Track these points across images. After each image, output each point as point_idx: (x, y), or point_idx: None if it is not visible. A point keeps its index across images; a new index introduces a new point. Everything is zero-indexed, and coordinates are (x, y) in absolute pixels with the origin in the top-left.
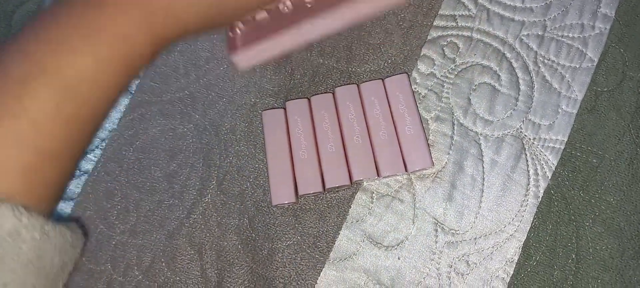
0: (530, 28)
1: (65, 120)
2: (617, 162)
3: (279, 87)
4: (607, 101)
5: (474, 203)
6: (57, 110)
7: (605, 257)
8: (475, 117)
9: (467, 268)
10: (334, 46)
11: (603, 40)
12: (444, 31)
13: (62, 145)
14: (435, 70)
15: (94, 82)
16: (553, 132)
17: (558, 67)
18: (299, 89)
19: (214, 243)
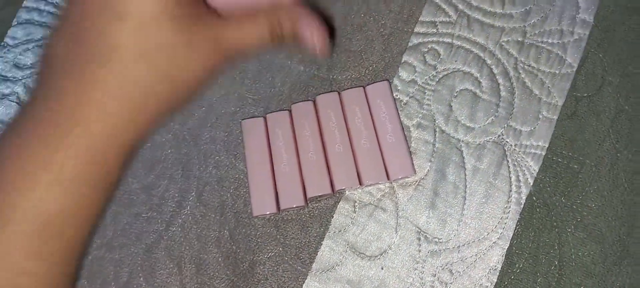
0: (510, 34)
1: (46, 256)
2: (598, 168)
3: (259, 95)
4: (587, 106)
5: (457, 211)
6: (32, 247)
7: (587, 263)
8: (457, 124)
9: (450, 277)
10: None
11: (582, 45)
12: (425, 38)
13: (44, 281)
14: (416, 77)
15: (68, 213)
16: (534, 138)
17: (538, 73)
18: (280, 97)
19: (194, 256)
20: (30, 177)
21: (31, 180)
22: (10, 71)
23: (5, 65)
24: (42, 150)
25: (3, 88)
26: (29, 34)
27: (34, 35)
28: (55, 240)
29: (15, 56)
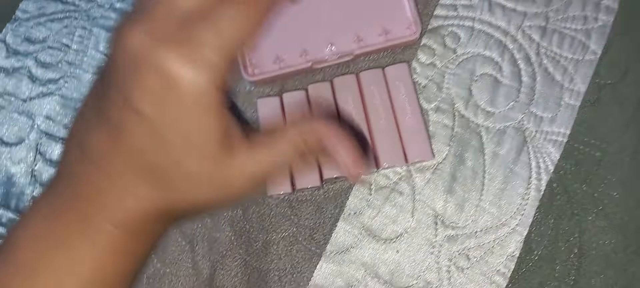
0: (532, 19)
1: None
2: (621, 156)
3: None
4: (610, 94)
5: (475, 196)
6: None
7: (608, 252)
8: (477, 109)
9: (467, 262)
10: None
11: (606, 32)
12: (445, 21)
13: None
14: (435, 60)
15: (101, 280)
16: (555, 125)
17: (561, 59)
18: (296, 77)
19: (207, 234)
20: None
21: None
22: (22, 45)
23: (16, 38)
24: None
25: (14, 61)
26: (41, 7)
27: (45, 9)
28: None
29: (26, 30)
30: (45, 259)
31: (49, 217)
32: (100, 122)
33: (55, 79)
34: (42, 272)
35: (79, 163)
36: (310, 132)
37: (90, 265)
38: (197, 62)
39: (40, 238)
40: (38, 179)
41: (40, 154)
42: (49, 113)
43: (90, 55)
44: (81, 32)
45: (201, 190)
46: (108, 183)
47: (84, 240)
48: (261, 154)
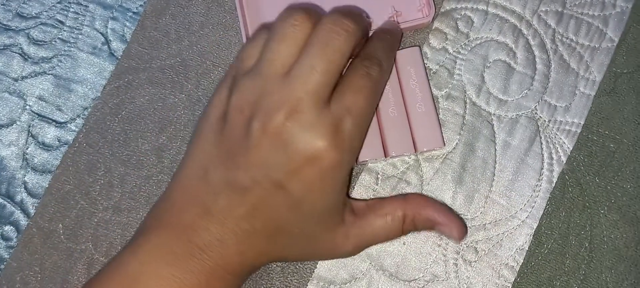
0: (549, 4)
1: None
2: (636, 148)
3: None
4: (627, 83)
5: (485, 188)
6: None
7: (620, 246)
8: (489, 96)
9: (475, 255)
10: None
11: (624, 19)
12: (458, 3)
13: None
14: (447, 45)
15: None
16: (569, 115)
17: (577, 46)
18: None
19: None
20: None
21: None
22: (13, 20)
23: (7, 13)
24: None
25: (5, 38)
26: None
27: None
28: None
29: (18, 5)
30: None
31: (172, 264)
32: (231, 189)
33: (48, 57)
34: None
35: (202, 219)
36: (409, 206)
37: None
38: (345, 151)
39: (161, 277)
40: (30, 163)
41: (32, 137)
42: (41, 93)
43: (85, 32)
44: (76, 8)
45: (314, 250)
46: (234, 240)
47: (201, 280)
48: (364, 225)
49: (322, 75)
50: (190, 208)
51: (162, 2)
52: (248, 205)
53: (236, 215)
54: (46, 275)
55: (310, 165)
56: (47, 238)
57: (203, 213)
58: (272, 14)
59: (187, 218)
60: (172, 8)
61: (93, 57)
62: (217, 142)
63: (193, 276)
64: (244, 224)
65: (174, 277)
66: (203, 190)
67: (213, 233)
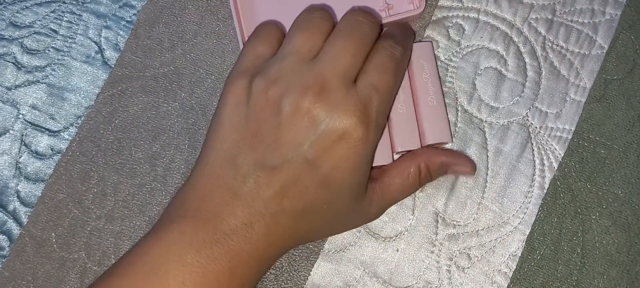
0: (539, 11)
1: None
2: (626, 153)
3: None
4: (617, 90)
5: (477, 194)
6: None
7: (612, 252)
8: (480, 103)
9: (468, 262)
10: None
11: (614, 26)
12: (449, 12)
13: None
14: (439, 52)
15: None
16: (560, 121)
17: (567, 53)
18: None
19: None
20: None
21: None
22: (7, 30)
23: (0, 22)
24: (227, 276)
25: None
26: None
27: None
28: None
29: (12, 14)
30: (190, 283)
31: (196, 251)
32: (260, 169)
33: (41, 66)
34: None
35: (228, 204)
36: (421, 159)
37: (229, 285)
38: (372, 128)
39: (185, 264)
40: (23, 172)
41: (26, 146)
42: (34, 102)
43: (79, 41)
44: (70, 17)
45: (341, 225)
46: (261, 222)
47: (225, 266)
48: (385, 189)
49: (350, 57)
50: (216, 195)
51: (156, 11)
52: (277, 185)
53: (265, 196)
54: (39, 285)
55: (340, 143)
56: (39, 247)
57: (230, 198)
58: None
59: (212, 204)
60: (166, 17)
61: (86, 65)
62: (241, 126)
63: (216, 263)
64: (272, 205)
65: (198, 264)
66: (230, 175)
67: (239, 217)
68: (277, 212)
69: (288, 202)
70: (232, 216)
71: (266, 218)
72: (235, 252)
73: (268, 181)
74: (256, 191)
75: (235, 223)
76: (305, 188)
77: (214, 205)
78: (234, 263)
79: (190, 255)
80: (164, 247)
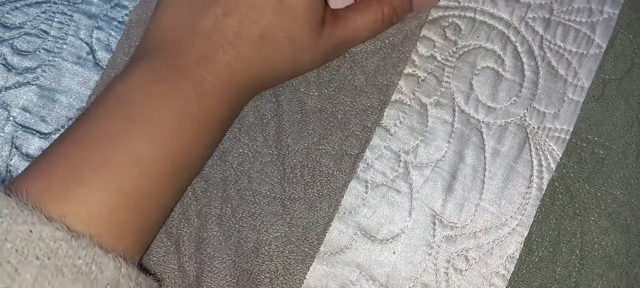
0: (536, 10)
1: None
2: (625, 154)
3: None
4: (615, 89)
5: (475, 195)
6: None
7: (611, 254)
8: (477, 104)
9: (466, 264)
10: None
11: (612, 25)
12: (446, 11)
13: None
14: (435, 52)
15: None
16: (558, 121)
17: (565, 53)
18: None
19: (193, 234)
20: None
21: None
22: None
23: None
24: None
25: None
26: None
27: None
28: (133, 215)
29: (1, 15)
30: (157, 113)
31: (160, 82)
32: (216, 4)
33: (32, 67)
34: (156, 124)
35: (188, 38)
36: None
37: (196, 119)
38: None
39: (151, 96)
40: (13, 175)
41: (16, 148)
42: (25, 104)
43: (70, 42)
44: (61, 17)
45: (301, 57)
46: (221, 52)
47: (191, 97)
48: (346, 23)
49: None
50: (175, 30)
51: (148, 11)
52: (234, 13)
53: (222, 26)
54: None
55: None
56: None
57: (189, 33)
58: None
59: (173, 40)
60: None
61: (78, 66)
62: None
63: (181, 93)
64: (229, 34)
65: (163, 95)
66: (187, 13)
67: (200, 49)
68: (235, 40)
69: (245, 29)
70: (192, 48)
71: (225, 47)
72: (198, 82)
73: (224, 11)
74: (214, 23)
75: (197, 54)
76: (260, 13)
77: (174, 41)
78: (199, 93)
79: (156, 87)
80: (129, 83)
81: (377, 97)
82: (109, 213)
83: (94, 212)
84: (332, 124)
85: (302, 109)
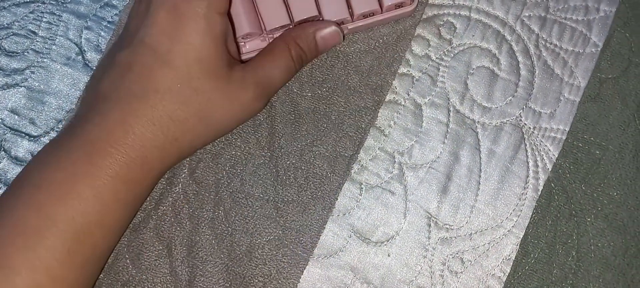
0: (532, 8)
1: (78, 264)
2: (622, 154)
3: None
4: (612, 89)
5: (470, 197)
6: (70, 256)
7: (607, 255)
8: (473, 104)
9: (461, 266)
10: None
11: (608, 23)
12: (440, 10)
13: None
14: (430, 51)
15: (102, 225)
16: (554, 121)
17: (560, 52)
18: None
19: (185, 237)
20: (72, 189)
21: (73, 192)
22: None
23: None
24: (85, 166)
25: None
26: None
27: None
28: (89, 249)
29: None
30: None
31: (60, 165)
32: (113, 64)
33: (20, 69)
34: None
35: (90, 100)
36: (299, 36)
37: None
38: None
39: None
40: (2, 178)
41: (5, 151)
42: (14, 106)
43: (59, 43)
44: (49, 18)
45: (213, 108)
46: (116, 108)
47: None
48: (258, 69)
49: None
50: (85, 97)
51: None
52: (123, 68)
53: (114, 81)
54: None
55: (167, 15)
56: None
57: (92, 96)
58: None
59: (84, 103)
60: None
61: (67, 68)
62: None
63: (75, 153)
64: (122, 90)
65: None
66: (97, 74)
67: (96, 109)
68: (127, 96)
69: (137, 86)
70: (88, 107)
71: (121, 103)
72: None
73: (117, 70)
74: (109, 81)
75: (91, 114)
76: (147, 69)
77: (84, 103)
78: (92, 154)
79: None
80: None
81: (371, 97)
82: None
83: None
84: (326, 125)
85: (295, 110)
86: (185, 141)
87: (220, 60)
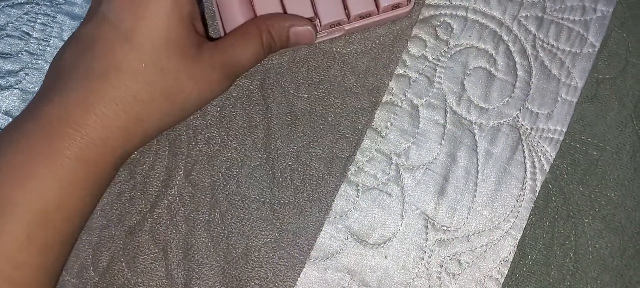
0: (529, 9)
1: (40, 249)
2: (619, 155)
3: (256, 68)
4: (609, 89)
5: (467, 198)
6: (30, 241)
7: (605, 256)
8: (470, 104)
9: (459, 268)
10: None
11: (605, 24)
12: (437, 10)
13: (36, 274)
14: (427, 52)
15: (62, 208)
16: (552, 122)
17: (558, 52)
18: (278, 69)
19: (181, 240)
20: (31, 172)
21: (32, 175)
22: None
23: None
24: (44, 147)
25: None
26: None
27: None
28: (50, 233)
29: None
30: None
31: (19, 148)
32: (75, 44)
33: (14, 70)
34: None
35: (49, 82)
36: (272, 24)
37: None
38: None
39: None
40: None
41: None
42: (7, 108)
43: (53, 44)
44: (43, 19)
45: (179, 87)
46: (75, 88)
47: (49, 173)
48: (227, 51)
49: None
50: (48, 72)
51: None
52: (84, 44)
53: (75, 58)
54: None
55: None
56: None
57: (54, 71)
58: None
59: (46, 79)
60: None
61: None
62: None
63: (34, 135)
64: (82, 67)
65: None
66: (59, 52)
67: (56, 88)
68: (87, 75)
69: (98, 64)
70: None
71: (80, 83)
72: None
73: (79, 49)
74: (71, 60)
75: (51, 95)
76: (109, 46)
77: (44, 86)
78: (51, 136)
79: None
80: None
81: (368, 98)
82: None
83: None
84: (322, 126)
85: (292, 111)
86: (150, 122)
87: (188, 39)
